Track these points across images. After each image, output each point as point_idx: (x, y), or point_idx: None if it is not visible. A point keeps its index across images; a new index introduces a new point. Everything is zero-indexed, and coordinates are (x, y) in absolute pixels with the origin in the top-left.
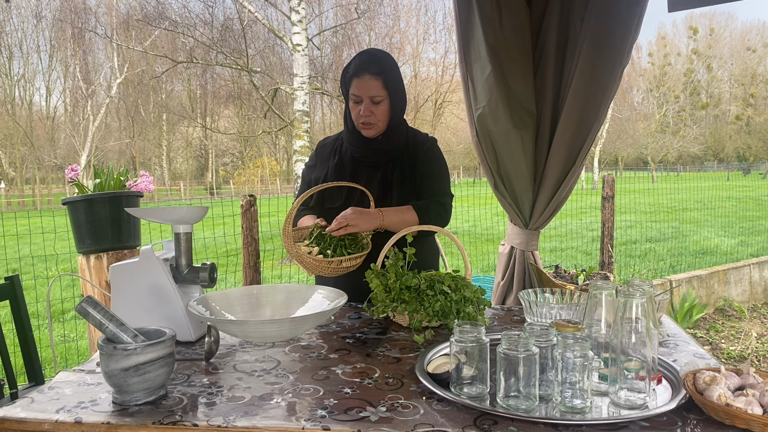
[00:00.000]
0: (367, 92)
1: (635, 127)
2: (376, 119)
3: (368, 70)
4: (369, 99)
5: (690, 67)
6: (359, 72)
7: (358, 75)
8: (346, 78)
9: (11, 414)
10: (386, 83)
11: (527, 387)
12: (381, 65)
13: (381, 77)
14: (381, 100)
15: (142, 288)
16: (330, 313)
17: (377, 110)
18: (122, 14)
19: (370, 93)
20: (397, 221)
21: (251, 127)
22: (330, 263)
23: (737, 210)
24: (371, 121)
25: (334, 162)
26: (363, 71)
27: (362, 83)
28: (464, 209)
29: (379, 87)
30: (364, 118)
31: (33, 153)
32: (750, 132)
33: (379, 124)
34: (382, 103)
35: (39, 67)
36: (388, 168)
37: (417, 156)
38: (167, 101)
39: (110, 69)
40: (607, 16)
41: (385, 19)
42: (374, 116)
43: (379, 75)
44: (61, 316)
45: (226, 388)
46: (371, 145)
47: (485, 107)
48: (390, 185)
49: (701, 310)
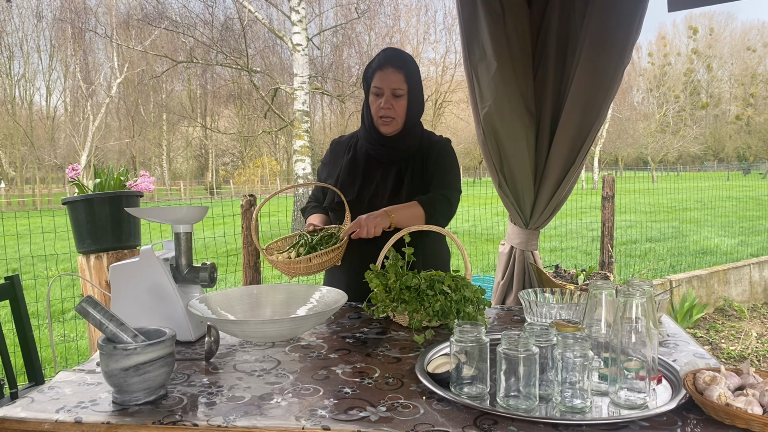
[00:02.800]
0: (389, 84)
1: (635, 127)
2: (395, 113)
3: (392, 64)
4: (390, 91)
5: (690, 67)
6: (383, 65)
7: (381, 68)
8: (369, 72)
9: (11, 414)
10: (408, 79)
11: (527, 387)
12: (404, 61)
13: (403, 71)
14: (402, 95)
15: (142, 288)
16: (330, 312)
17: (397, 105)
18: (122, 14)
19: (393, 85)
20: (406, 216)
21: (251, 127)
22: (299, 262)
23: (737, 210)
24: (391, 114)
25: (348, 158)
26: (387, 64)
27: (385, 75)
28: (464, 209)
29: (401, 80)
30: (384, 111)
31: (33, 153)
32: (750, 132)
33: (397, 120)
34: (402, 99)
35: (39, 67)
36: (401, 166)
37: (430, 155)
38: (167, 101)
39: (110, 69)
40: (608, 15)
41: (385, 19)
42: (394, 110)
43: (401, 69)
44: (61, 316)
45: (226, 388)
46: (387, 143)
47: (491, 106)
48: (402, 183)
49: (701, 310)
